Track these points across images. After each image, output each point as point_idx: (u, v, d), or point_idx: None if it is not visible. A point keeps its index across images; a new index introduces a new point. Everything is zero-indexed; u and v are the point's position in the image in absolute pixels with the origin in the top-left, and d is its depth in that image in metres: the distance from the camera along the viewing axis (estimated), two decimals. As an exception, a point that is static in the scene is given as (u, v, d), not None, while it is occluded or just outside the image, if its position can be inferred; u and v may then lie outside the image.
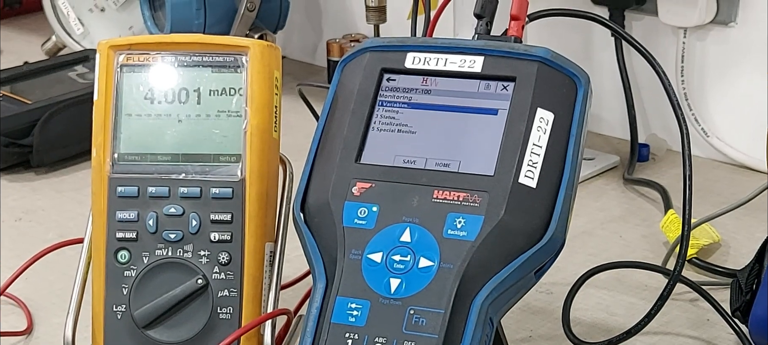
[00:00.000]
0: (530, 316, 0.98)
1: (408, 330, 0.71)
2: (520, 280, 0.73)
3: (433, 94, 0.78)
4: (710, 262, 1.05)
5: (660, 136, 1.32)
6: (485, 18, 0.83)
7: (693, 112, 1.29)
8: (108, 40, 0.85)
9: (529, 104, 0.75)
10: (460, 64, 0.78)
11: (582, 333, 0.93)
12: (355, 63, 0.80)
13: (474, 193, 0.74)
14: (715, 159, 1.29)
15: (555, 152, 0.75)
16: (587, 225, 1.14)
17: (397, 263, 0.73)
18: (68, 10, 1.61)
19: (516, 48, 0.78)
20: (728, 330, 0.92)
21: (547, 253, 0.74)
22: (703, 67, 1.28)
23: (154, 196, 0.82)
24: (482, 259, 0.72)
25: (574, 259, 1.05)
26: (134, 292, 0.82)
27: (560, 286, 0.99)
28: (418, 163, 0.76)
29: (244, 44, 0.84)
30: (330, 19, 1.62)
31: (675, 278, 0.86)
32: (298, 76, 1.52)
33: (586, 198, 1.19)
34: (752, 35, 1.24)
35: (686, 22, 1.26)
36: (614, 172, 1.27)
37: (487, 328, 0.72)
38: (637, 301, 0.99)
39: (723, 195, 1.19)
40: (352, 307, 0.72)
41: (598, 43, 1.35)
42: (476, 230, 0.72)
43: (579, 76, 0.77)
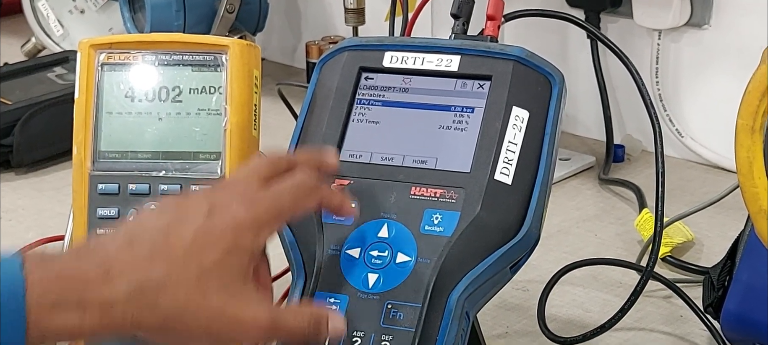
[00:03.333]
0: (506, 312, 0.99)
1: (385, 324, 0.72)
2: (496, 275, 0.74)
3: (410, 93, 0.79)
4: (684, 260, 1.06)
5: (635, 136, 1.33)
6: (462, 18, 0.84)
7: (667, 113, 1.30)
8: (89, 39, 0.86)
9: (505, 102, 0.76)
10: (437, 63, 0.79)
11: (557, 329, 0.95)
12: (334, 62, 0.81)
13: (450, 190, 0.75)
14: (689, 159, 1.30)
15: (530, 149, 0.76)
16: (563, 224, 1.15)
17: (375, 258, 0.74)
18: (48, 12, 1.61)
19: (492, 47, 0.79)
20: (701, 326, 0.94)
21: (522, 248, 0.75)
22: (677, 68, 1.30)
23: (134, 194, 0.83)
24: (458, 255, 0.73)
25: (549, 257, 1.06)
26: (115, 288, 0.82)
27: (536, 284, 1.00)
28: (395, 161, 0.77)
29: (223, 43, 0.85)
30: (309, 21, 1.63)
31: (647, 274, 0.88)
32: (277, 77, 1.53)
33: (561, 197, 1.21)
34: (726, 37, 1.26)
35: (661, 24, 1.27)
36: (590, 172, 1.28)
37: (464, 322, 0.73)
38: (612, 298, 1.01)
39: (696, 194, 1.21)
40: (331, 301, 0.73)
41: (573, 45, 1.36)
42: (453, 226, 0.73)
43: (553, 74, 0.78)
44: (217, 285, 0.64)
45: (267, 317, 0.66)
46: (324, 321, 0.68)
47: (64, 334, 0.62)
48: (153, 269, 0.63)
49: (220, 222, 0.66)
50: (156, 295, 0.63)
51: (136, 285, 0.63)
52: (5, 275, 0.61)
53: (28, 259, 0.62)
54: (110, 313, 0.62)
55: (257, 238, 0.67)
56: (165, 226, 0.65)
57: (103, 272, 0.63)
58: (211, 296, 0.64)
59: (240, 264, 0.65)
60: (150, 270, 0.63)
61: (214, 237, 0.65)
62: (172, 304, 0.63)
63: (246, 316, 0.65)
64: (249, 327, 0.65)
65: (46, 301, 0.61)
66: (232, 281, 0.65)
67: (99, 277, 0.63)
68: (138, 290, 0.63)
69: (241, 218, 0.66)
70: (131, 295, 0.63)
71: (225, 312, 0.64)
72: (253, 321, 0.65)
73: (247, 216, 0.66)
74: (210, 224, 0.65)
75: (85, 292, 0.62)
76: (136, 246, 0.64)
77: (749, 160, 0.74)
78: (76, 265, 0.63)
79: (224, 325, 0.64)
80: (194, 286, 0.64)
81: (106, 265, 0.63)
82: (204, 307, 0.64)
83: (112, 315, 0.62)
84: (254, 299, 0.66)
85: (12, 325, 0.60)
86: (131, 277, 0.63)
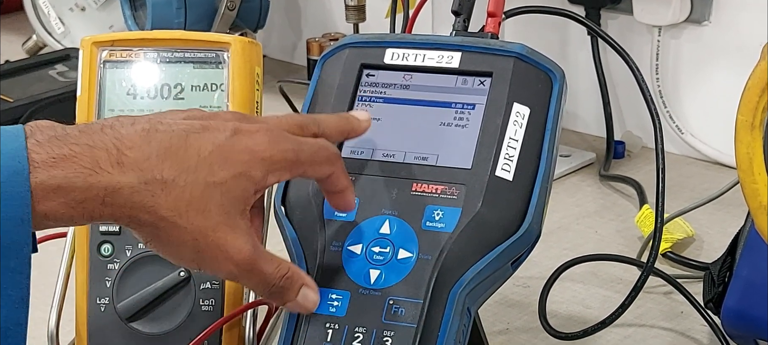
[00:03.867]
0: (507, 308, 0.99)
1: (387, 320, 0.72)
2: (497, 271, 0.75)
3: (411, 89, 0.79)
4: (684, 256, 1.07)
5: (635, 133, 1.34)
6: (462, 15, 0.84)
7: (668, 109, 1.31)
8: (91, 36, 0.86)
9: (506, 99, 0.77)
10: (438, 59, 0.80)
11: (558, 325, 0.95)
12: (335, 59, 0.82)
13: (452, 186, 0.75)
14: (689, 155, 1.31)
15: (531, 146, 0.76)
16: (563, 220, 1.15)
17: (376, 255, 0.74)
18: (49, 10, 1.61)
19: (492, 44, 0.79)
20: (701, 321, 0.94)
21: (523, 244, 0.75)
22: (677, 65, 1.30)
23: (136, 190, 0.83)
24: (460, 251, 0.73)
25: (550, 253, 1.06)
26: (117, 285, 0.83)
27: (537, 280, 1.00)
28: (397, 157, 0.77)
29: (225, 40, 0.85)
30: (309, 18, 1.63)
31: (648, 270, 0.88)
32: (277, 74, 1.53)
33: (562, 194, 1.21)
34: (725, 34, 1.26)
35: (661, 21, 1.28)
36: (590, 168, 1.29)
37: (465, 318, 0.73)
38: (612, 294, 1.01)
39: (696, 190, 1.21)
40: (333, 297, 0.73)
41: (574, 42, 1.36)
42: (454, 222, 0.74)
43: (554, 71, 0.78)
44: (217, 203, 0.64)
45: (249, 253, 0.66)
46: (296, 284, 0.69)
47: (63, 218, 0.61)
48: (163, 169, 0.63)
49: (239, 145, 0.66)
50: (158, 195, 0.63)
51: (143, 179, 0.62)
52: (8, 153, 0.59)
53: (32, 135, 0.61)
54: (111, 200, 0.62)
55: (267, 176, 0.67)
56: (187, 132, 0.65)
57: (114, 158, 0.62)
58: (208, 212, 0.64)
59: (244, 192, 0.66)
60: (160, 169, 0.63)
61: (230, 157, 0.65)
62: (170, 207, 0.63)
63: (231, 244, 0.65)
64: (230, 255, 0.65)
65: (51, 183, 0.60)
66: (231, 206, 0.65)
67: (109, 163, 0.62)
68: (143, 185, 0.62)
69: (259, 150, 0.66)
70: (135, 188, 0.62)
71: (215, 232, 0.64)
72: (236, 251, 0.65)
73: (266, 150, 0.67)
74: (230, 143, 0.66)
75: (91, 176, 0.61)
76: (153, 141, 0.64)
77: (749, 156, 0.74)
78: (88, 145, 0.62)
79: (209, 245, 0.65)
80: (197, 197, 0.64)
81: (118, 151, 0.62)
82: (198, 220, 0.64)
83: (113, 203, 0.62)
84: (244, 232, 0.66)
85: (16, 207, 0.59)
86: (141, 170, 0.62)
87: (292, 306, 0.70)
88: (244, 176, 0.66)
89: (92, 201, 0.61)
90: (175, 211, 0.63)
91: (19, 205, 0.59)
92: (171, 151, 0.64)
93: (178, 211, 0.63)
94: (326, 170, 0.71)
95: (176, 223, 0.63)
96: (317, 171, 0.70)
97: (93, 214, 0.62)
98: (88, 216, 0.62)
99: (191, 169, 0.64)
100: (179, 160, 0.64)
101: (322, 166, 0.70)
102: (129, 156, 0.63)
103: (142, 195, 0.62)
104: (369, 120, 0.75)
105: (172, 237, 0.64)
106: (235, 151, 0.66)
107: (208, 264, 0.66)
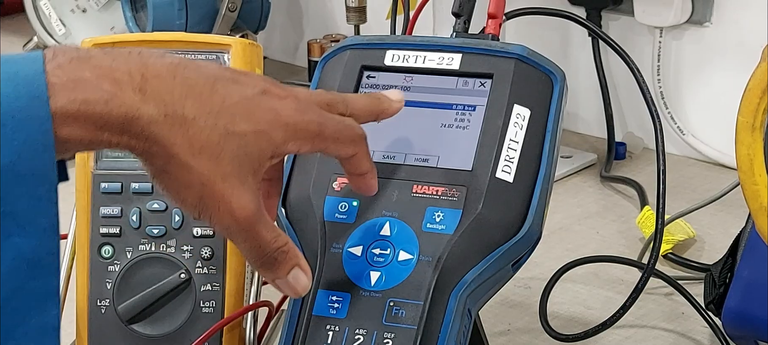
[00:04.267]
0: (508, 309, 0.99)
1: (388, 322, 0.72)
2: (498, 273, 0.75)
3: (412, 91, 0.79)
4: (685, 257, 1.07)
5: (636, 134, 1.34)
6: (463, 16, 0.84)
7: (669, 110, 1.31)
8: (92, 38, 0.86)
9: (506, 100, 0.77)
10: (438, 61, 0.80)
11: (559, 326, 0.95)
12: (336, 60, 0.82)
13: (452, 188, 0.75)
14: (691, 156, 1.31)
15: (531, 147, 0.76)
16: (564, 221, 1.15)
17: (377, 256, 0.74)
18: (50, 11, 1.61)
19: (493, 45, 0.79)
20: (702, 323, 0.94)
21: (523, 246, 0.75)
22: (678, 66, 1.30)
23: (137, 192, 0.83)
24: (460, 252, 0.73)
25: (551, 254, 1.06)
26: (118, 287, 0.83)
27: (538, 281, 1.00)
28: (397, 158, 0.77)
29: (226, 42, 0.85)
30: (310, 19, 1.63)
31: (649, 271, 0.88)
32: (279, 76, 1.53)
33: (563, 195, 1.21)
34: (727, 35, 1.26)
35: (662, 22, 1.28)
36: (591, 169, 1.29)
37: (466, 320, 0.73)
38: (613, 295, 1.01)
39: (698, 191, 1.21)
40: (333, 299, 0.73)
41: (575, 43, 1.36)
42: (454, 224, 0.74)
43: (555, 72, 0.78)
44: (231, 153, 0.63)
45: (251, 212, 0.64)
46: (290, 262, 0.67)
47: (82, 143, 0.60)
48: (185, 105, 0.61)
49: (266, 104, 0.65)
50: (176, 131, 0.61)
51: (163, 111, 0.61)
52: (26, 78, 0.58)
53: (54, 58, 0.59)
54: (129, 128, 0.60)
55: (287, 142, 0.66)
56: (215, 78, 0.64)
57: (137, 84, 0.60)
58: (220, 159, 0.63)
59: (261, 152, 0.64)
60: (182, 105, 0.61)
61: (254, 113, 0.64)
62: (185, 145, 0.61)
63: (235, 200, 0.63)
64: (232, 209, 0.63)
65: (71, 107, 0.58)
66: (245, 161, 0.64)
67: (131, 88, 0.60)
68: (163, 117, 0.61)
69: (285, 114, 0.65)
70: (154, 119, 0.60)
71: (223, 181, 0.63)
72: (239, 207, 0.63)
73: (291, 116, 0.65)
74: (257, 100, 0.65)
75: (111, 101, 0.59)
76: (179, 76, 0.62)
77: (750, 157, 0.74)
78: (110, 67, 0.60)
79: (214, 193, 0.63)
80: (214, 142, 0.62)
81: (142, 77, 0.60)
82: (209, 165, 0.62)
83: (129, 132, 0.60)
84: (251, 191, 0.64)
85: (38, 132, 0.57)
86: (163, 101, 0.61)
87: (281, 284, 0.68)
88: (265, 135, 0.64)
89: (111, 127, 0.60)
90: (189, 150, 0.62)
91: (41, 131, 0.57)
92: (196, 90, 0.62)
93: (192, 151, 0.62)
94: (349, 150, 0.69)
95: (187, 163, 0.62)
96: (340, 149, 0.69)
97: (111, 141, 0.60)
98: (105, 142, 0.60)
99: (213, 113, 0.62)
100: (203, 101, 0.62)
101: (345, 145, 0.69)
102: (152, 84, 0.61)
103: (160, 127, 0.61)
104: (402, 101, 0.74)
105: (181, 177, 0.62)
106: (260, 108, 0.64)
107: (208, 213, 0.64)
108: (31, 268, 0.57)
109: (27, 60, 0.59)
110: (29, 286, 0.57)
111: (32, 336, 0.58)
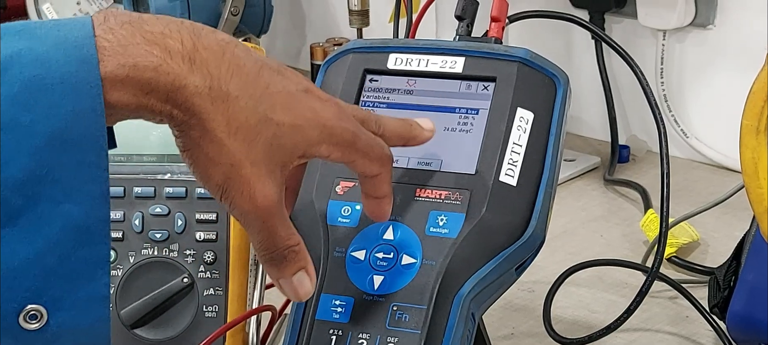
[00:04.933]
0: (512, 313, 0.99)
1: (391, 326, 0.72)
2: (501, 277, 0.74)
3: (415, 95, 0.79)
4: (689, 261, 1.07)
5: (640, 137, 1.34)
6: (466, 19, 0.84)
7: (672, 113, 1.30)
8: (94, 42, 0.86)
9: (509, 104, 0.76)
10: (441, 64, 0.79)
11: (563, 330, 0.95)
12: (339, 64, 0.82)
13: (455, 192, 0.75)
14: (695, 159, 1.31)
15: (535, 151, 0.76)
16: (568, 225, 1.15)
17: (380, 260, 0.74)
18: (52, 15, 1.61)
19: (496, 49, 0.79)
20: (707, 326, 0.94)
21: (527, 249, 0.75)
22: (682, 69, 1.30)
23: (139, 196, 0.83)
24: (464, 256, 0.73)
25: (555, 257, 1.06)
26: (121, 291, 0.82)
27: (542, 285, 1.00)
28: (400, 162, 0.77)
29: (228, 46, 0.85)
30: (313, 23, 1.63)
31: (653, 274, 0.88)
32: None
33: (567, 198, 1.21)
34: (730, 37, 1.26)
35: (665, 25, 1.28)
36: (595, 172, 1.29)
37: (469, 324, 0.73)
38: (617, 299, 1.01)
39: (702, 194, 1.21)
40: (336, 303, 0.73)
41: (578, 46, 1.36)
42: (458, 228, 0.73)
43: (558, 76, 0.78)
44: (265, 141, 0.63)
45: (272, 204, 0.63)
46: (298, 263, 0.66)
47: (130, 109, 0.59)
48: (230, 83, 0.61)
49: (307, 101, 0.65)
50: (217, 106, 0.60)
51: (208, 84, 0.60)
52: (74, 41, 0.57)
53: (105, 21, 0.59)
54: (174, 96, 0.59)
55: (321, 143, 0.65)
56: (262, 64, 0.64)
57: (188, 52, 0.60)
58: (254, 144, 0.62)
59: (294, 146, 0.64)
60: (228, 81, 0.61)
61: (295, 107, 0.64)
62: (223, 122, 0.61)
63: (259, 187, 0.63)
64: (254, 195, 0.63)
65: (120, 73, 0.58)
66: (277, 151, 0.63)
67: (181, 56, 0.60)
68: (207, 89, 0.60)
69: (324, 115, 0.65)
70: (199, 90, 0.60)
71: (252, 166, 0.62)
72: (262, 196, 0.63)
73: (330, 119, 0.65)
74: (299, 96, 0.65)
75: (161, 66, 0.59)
76: (228, 53, 0.62)
77: (754, 160, 0.74)
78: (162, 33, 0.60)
79: (240, 178, 0.62)
80: (252, 124, 0.62)
81: (193, 46, 0.60)
82: (242, 147, 0.62)
83: (174, 100, 0.59)
84: (277, 183, 0.64)
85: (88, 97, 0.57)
86: (210, 74, 0.60)
87: (284, 284, 0.67)
88: (301, 130, 0.64)
89: (158, 94, 0.59)
90: (226, 127, 0.61)
91: (91, 96, 0.57)
92: (243, 70, 0.62)
93: (229, 129, 0.61)
94: (375, 169, 0.69)
95: (222, 140, 0.61)
96: (367, 166, 0.69)
97: (155, 108, 0.60)
98: (151, 109, 0.60)
99: (255, 97, 0.62)
100: (248, 82, 0.62)
101: (372, 162, 0.69)
102: (202, 56, 0.60)
103: (203, 99, 0.60)
104: (433, 130, 0.73)
105: (211, 153, 0.61)
106: (301, 103, 0.64)
107: (230, 195, 0.63)
108: (81, 235, 0.57)
109: (76, 24, 0.58)
110: (79, 253, 0.57)
111: (81, 305, 0.57)
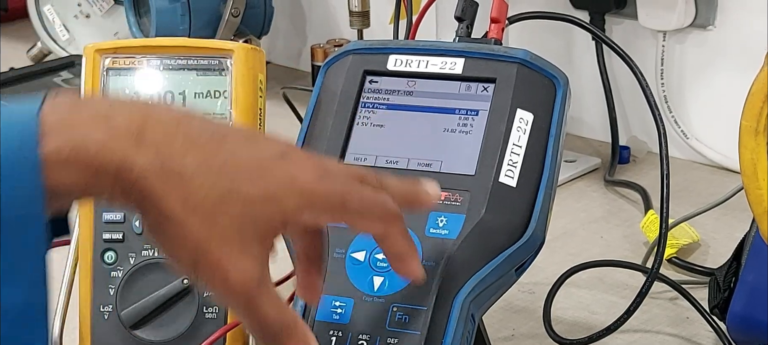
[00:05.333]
0: (512, 314, 0.99)
1: (391, 327, 0.72)
2: (501, 278, 0.75)
3: (414, 96, 0.79)
4: (689, 262, 1.06)
5: (640, 138, 1.33)
6: (466, 21, 0.84)
7: (673, 114, 1.30)
8: (94, 43, 0.86)
9: (509, 105, 0.76)
10: (441, 66, 0.79)
11: (563, 331, 0.95)
12: (339, 65, 0.82)
13: (455, 193, 0.75)
14: (695, 160, 1.30)
15: (534, 152, 0.76)
16: (568, 226, 1.15)
17: (380, 261, 0.74)
18: (54, 17, 1.61)
19: (496, 50, 0.79)
20: (707, 327, 0.94)
21: (527, 250, 0.75)
22: (682, 69, 1.30)
23: (140, 198, 0.83)
24: (464, 257, 0.73)
25: (555, 259, 1.06)
26: (121, 293, 0.83)
27: (542, 286, 1.00)
28: (400, 164, 0.77)
29: (228, 47, 0.85)
30: (314, 24, 1.63)
31: (653, 275, 0.88)
32: (282, 80, 1.53)
33: (567, 199, 1.21)
34: (730, 38, 1.26)
35: (665, 26, 1.27)
36: (595, 173, 1.28)
37: (469, 325, 0.73)
38: (618, 300, 1.00)
39: (702, 195, 1.21)
40: (336, 304, 0.73)
41: (578, 47, 1.36)
42: (458, 229, 0.73)
43: (558, 77, 0.78)
44: (231, 218, 0.57)
45: (249, 283, 0.58)
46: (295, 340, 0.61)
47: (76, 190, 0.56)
48: (185, 158, 0.57)
49: (282, 168, 0.59)
50: (170, 186, 0.56)
51: (158, 164, 0.56)
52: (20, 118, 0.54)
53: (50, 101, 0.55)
54: (122, 178, 0.56)
55: (302, 211, 0.60)
56: (226, 135, 0.59)
57: (135, 131, 0.56)
58: (216, 224, 0.57)
59: (268, 218, 0.59)
60: (182, 158, 0.56)
61: (266, 176, 0.59)
62: (178, 203, 0.56)
63: (232, 267, 0.58)
64: (226, 278, 0.58)
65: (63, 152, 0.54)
66: (250, 227, 0.58)
67: (128, 135, 0.56)
68: (158, 169, 0.56)
69: (302, 180, 0.60)
70: (148, 171, 0.56)
71: (220, 249, 0.57)
72: (235, 276, 0.58)
73: (309, 183, 0.60)
74: (272, 163, 0.59)
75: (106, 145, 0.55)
76: (183, 126, 0.57)
77: (753, 161, 0.74)
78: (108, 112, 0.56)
79: (208, 260, 0.58)
80: (210, 202, 0.57)
81: (142, 125, 0.56)
82: (203, 228, 0.57)
83: (123, 182, 0.56)
84: (254, 259, 0.58)
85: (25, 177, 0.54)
86: (159, 153, 0.56)
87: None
88: (275, 201, 0.58)
89: (105, 174, 0.55)
90: (183, 207, 0.56)
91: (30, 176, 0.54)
92: (199, 143, 0.57)
93: (186, 208, 0.57)
94: (378, 228, 0.64)
95: (181, 221, 0.57)
96: (367, 226, 0.63)
97: (105, 190, 0.56)
98: (101, 191, 0.56)
99: (214, 171, 0.57)
100: (206, 156, 0.57)
101: (374, 222, 0.63)
102: (151, 134, 0.56)
103: (154, 179, 0.56)
104: (439, 195, 0.69)
105: (175, 235, 0.57)
106: (273, 171, 0.59)
107: (202, 277, 0.59)
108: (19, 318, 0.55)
109: (26, 101, 0.56)
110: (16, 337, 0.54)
111: None
